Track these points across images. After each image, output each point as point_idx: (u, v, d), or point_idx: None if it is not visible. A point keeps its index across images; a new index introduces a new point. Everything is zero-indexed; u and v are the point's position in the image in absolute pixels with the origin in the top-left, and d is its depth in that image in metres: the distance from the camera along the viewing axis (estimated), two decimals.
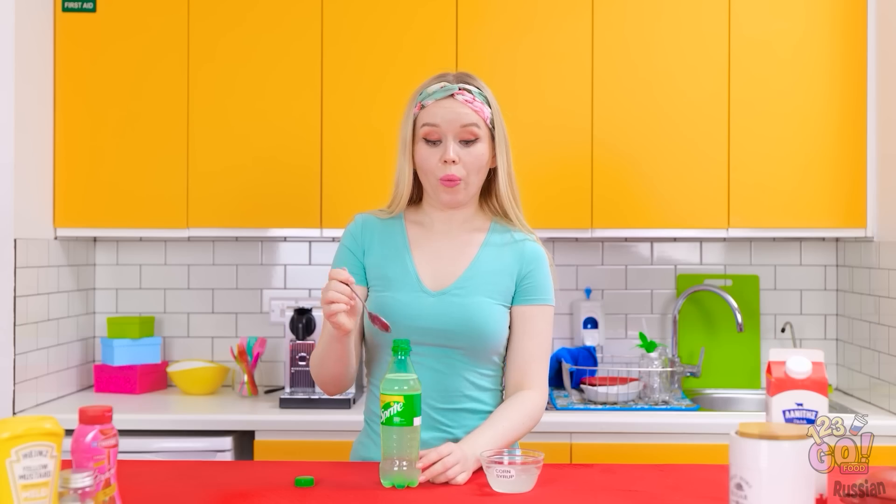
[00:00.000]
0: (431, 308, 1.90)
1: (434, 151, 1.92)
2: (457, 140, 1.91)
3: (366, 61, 3.05)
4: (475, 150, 1.92)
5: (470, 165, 1.92)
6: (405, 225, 2.01)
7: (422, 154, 1.93)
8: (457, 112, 1.90)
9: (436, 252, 1.97)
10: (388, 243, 1.98)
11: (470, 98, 1.92)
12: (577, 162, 3.04)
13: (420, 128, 1.93)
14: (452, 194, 1.93)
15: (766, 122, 3.02)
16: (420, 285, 1.93)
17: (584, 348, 3.15)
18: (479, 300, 1.91)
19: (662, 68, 3.04)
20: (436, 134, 1.91)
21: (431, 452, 1.71)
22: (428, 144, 1.93)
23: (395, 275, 1.94)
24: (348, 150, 3.06)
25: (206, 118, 3.07)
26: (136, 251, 3.41)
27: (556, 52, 3.05)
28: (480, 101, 1.93)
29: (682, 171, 3.03)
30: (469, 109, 1.91)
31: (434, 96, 1.92)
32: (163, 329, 3.41)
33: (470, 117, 1.91)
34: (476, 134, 1.92)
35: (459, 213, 1.99)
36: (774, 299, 3.37)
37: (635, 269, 3.40)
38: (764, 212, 3.03)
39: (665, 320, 3.38)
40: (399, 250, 1.97)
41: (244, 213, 3.07)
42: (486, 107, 1.94)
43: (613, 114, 3.04)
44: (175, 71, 3.07)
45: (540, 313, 1.96)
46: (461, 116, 1.90)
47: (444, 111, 1.91)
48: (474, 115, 1.91)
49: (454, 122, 1.90)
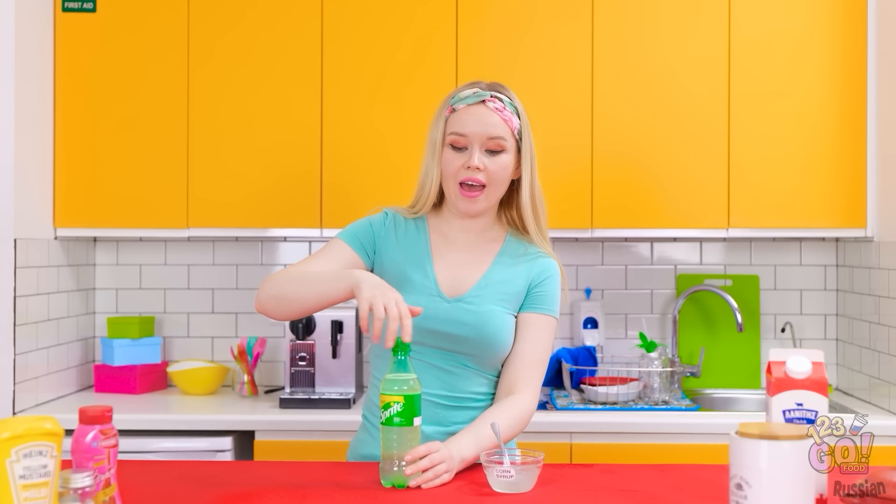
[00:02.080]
0: (447, 313, 1.92)
1: (458, 156, 1.94)
2: (483, 150, 1.93)
3: (366, 61, 3.05)
4: (500, 161, 1.94)
5: (493, 175, 1.94)
6: (429, 230, 2.03)
7: (447, 157, 1.96)
8: (485, 122, 1.93)
9: (454, 260, 1.99)
10: (411, 246, 2.00)
11: (500, 106, 1.95)
12: (577, 162, 3.03)
13: (448, 134, 1.96)
14: (471, 203, 1.95)
15: (767, 122, 3.02)
16: (438, 290, 1.95)
17: (584, 348, 3.14)
18: (491, 309, 1.93)
19: (662, 68, 3.04)
20: (462, 143, 1.94)
21: (421, 447, 1.71)
22: (454, 150, 1.95)
23: (416, 278, 1.96)
24: (348, 150, 3.05)
25: (206, 117, 3.07)
26: (136, 251, 3.41)
27: (557, 51, 3.05)
28: (510, 111, 1.96)
29: (683, 170, 3.03)
30: (498, 118, 1.94)
31: (465, 101, 1.95)
32: (163, 329, 3.41)
33: (498, 128, 1.94)
34: (503, 146, 1.94)
35: (478, 222, 2.01)
36: (774, 299, 3.37)
37: (635, 269, 3.40)
38: (764, 212, 3.02)
39: (665, 320, 3.39)
40: (421, 255, 1.99)
41: (244, 213, 3.07)
42: (514, 117, 1.97)
43: (613, 113, 3.04)
44: (175, 70, 3.07)
45: (543, 322, 1.98)
46: (489, 127, 1.93)
47: (473, 119, 1.93)
48: (503, 124, 1.94)
49: (482, 133, 1.93)
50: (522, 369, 1.95)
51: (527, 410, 1.93)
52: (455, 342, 1.92)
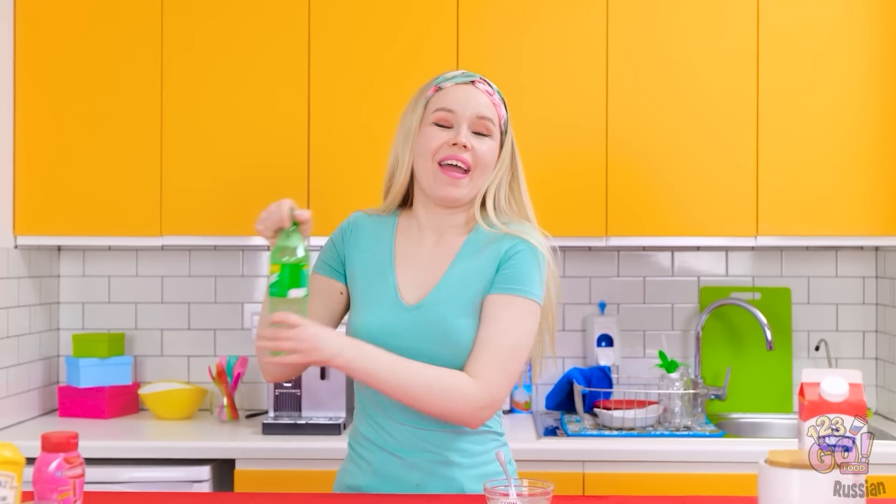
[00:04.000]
0: (404, 324, 1.88)
1: (443, 133, 1.92)
2: (470, 129, 1.93)
3: (358, 53, 3.04)
4: (488, 144, 1.94)
5: (480, 158, 1.92)
6: (396, 229, 2.01)
7: (428, 134, 1.93)
8: (476, 100, 1.94)
9: (418, 262, 1.96)
10: (375, 250, 1.98)
11: (490, 90, 1.97)
12: (591, 163, 3.03)
13: (432, 112, 1.94)
14: (454, 187, 1.91)
15: (799, 119, 3.01)
16: (397, 299, 1.91)
17: (598, 368, 3.14)
18: (452, 313, 1.87)
19: (684, 60, 3.03)
20: (449, 121, 1.93)
21: (291, 316, 1.73)
22: (438, 128, 1.93)
23: (376, 287, 1.94)
24: (338, 150, 3.05)
25: (181, 114, 3.06)
26: (104, 261, 3.40)
27: (568, 43, 3.04)
28: (499, 99, 1.99)
29: (706, 172, 3.02)
30: (488, 101, 1.95)
31: (454, 80, 1.97)
32: (134, 347, 3.40)
33: (487, 109, 1.94)
34: (490, 130, 1.94)
35: (453, 218, 1.98)
36: (807, 314, 3.36)
37: (654, 280, 3.40)
38: (796, 218, 3.01)
39: (687, 337, 3.38)
40: (384, 259, 1.97)
41: (223, 220, 3.06)
42: (502, 106, 1.99)
43: (630, 111, 3.03)
44: (147, 61, 3.06)
45: (507, 303, 1.86)
46: (480, 106, 1.94)
47: (463, 96, 1.94)
48: (492, 108, 1.95)
49: (472, 110, 1.93)
50: (476, 353, 1.83)
51: (467, 394, 1.80)
52: (419, 356, 1.85)
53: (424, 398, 1.80)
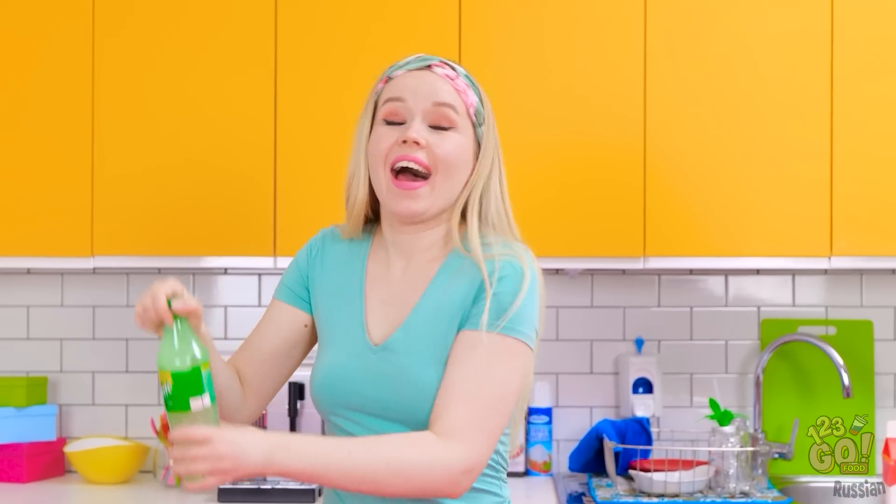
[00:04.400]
0: (366, 366, 1.84)
1: (392, 131, 1.85)
2: (426, 123, 1.85)
3: (336, 31, 3.01)
4: (451, 139, 1.85)
5: (441, 157, 1.83)
6: (369, 252, 1.96)
7: (377, 135, 1.86)
8: (431, 85, 1.87)
9: (389, 288, 1.91)
10: (343, 275, 1.96)
11: (452, 74, 1.89)
12: (625, 169, 3.00)
13: (381, 107, 1.88)
14: (409, 199, 1.83)
15: (882, 117, 3.00)
16: (363, 336, 1.87)
17: (635, 420, 3.15)
18: (419, 360, 1.82)
19: (741, 44, 3.02)
20: (399, 114, 1.85)
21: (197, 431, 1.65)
22: (387, 125, 1.86)
23: (342, 321, 1.91)
24: (311, 153, 3.00)
25: (116, 108, 3.02)
26: (22, 288, 3.39)
27: (597, 26, 3.02)
28: (465, 83, 1.90)
29: (768, 178, 2.99)
30: (449, 86, 1.88)
31: (406, 66, 1.91)
32: (59, 394, 3.36)
33: (448, 95, 1.86)
34: (452, 120, 1.86)
35: (424, 237, 1.90)
36: (894, 353, 3.33)
37: (703, 311, 3.37)
38: (879, 235, 2.99)
39: (745, 382, 3.35)
40: (353, 287, 1.93)
41: (170, 237, 3.03)
42: (471, 91, 1.90)
43: (673, 106, 3.00)
44: (75, 42, 3.02)
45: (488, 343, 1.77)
46: (436, 92, 1.86)
47: (414, 82, 1.87)
48: (454, 94, 1.87)
49: (425, 97, 1.85)
50: (444, 404, 1.76)
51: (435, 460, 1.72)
52: (379, 406, 1.81)
53: (384, 483, 1.72)
